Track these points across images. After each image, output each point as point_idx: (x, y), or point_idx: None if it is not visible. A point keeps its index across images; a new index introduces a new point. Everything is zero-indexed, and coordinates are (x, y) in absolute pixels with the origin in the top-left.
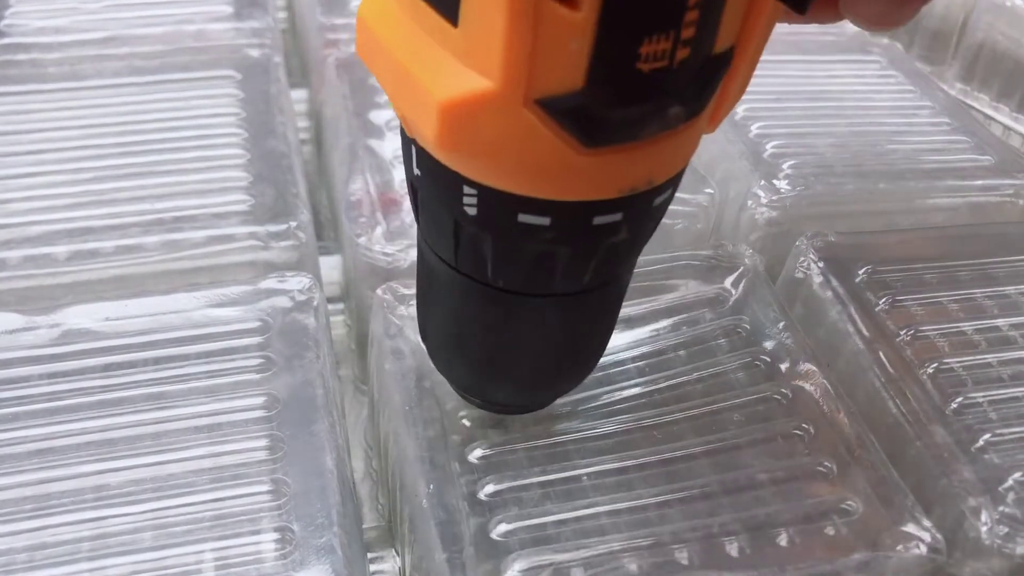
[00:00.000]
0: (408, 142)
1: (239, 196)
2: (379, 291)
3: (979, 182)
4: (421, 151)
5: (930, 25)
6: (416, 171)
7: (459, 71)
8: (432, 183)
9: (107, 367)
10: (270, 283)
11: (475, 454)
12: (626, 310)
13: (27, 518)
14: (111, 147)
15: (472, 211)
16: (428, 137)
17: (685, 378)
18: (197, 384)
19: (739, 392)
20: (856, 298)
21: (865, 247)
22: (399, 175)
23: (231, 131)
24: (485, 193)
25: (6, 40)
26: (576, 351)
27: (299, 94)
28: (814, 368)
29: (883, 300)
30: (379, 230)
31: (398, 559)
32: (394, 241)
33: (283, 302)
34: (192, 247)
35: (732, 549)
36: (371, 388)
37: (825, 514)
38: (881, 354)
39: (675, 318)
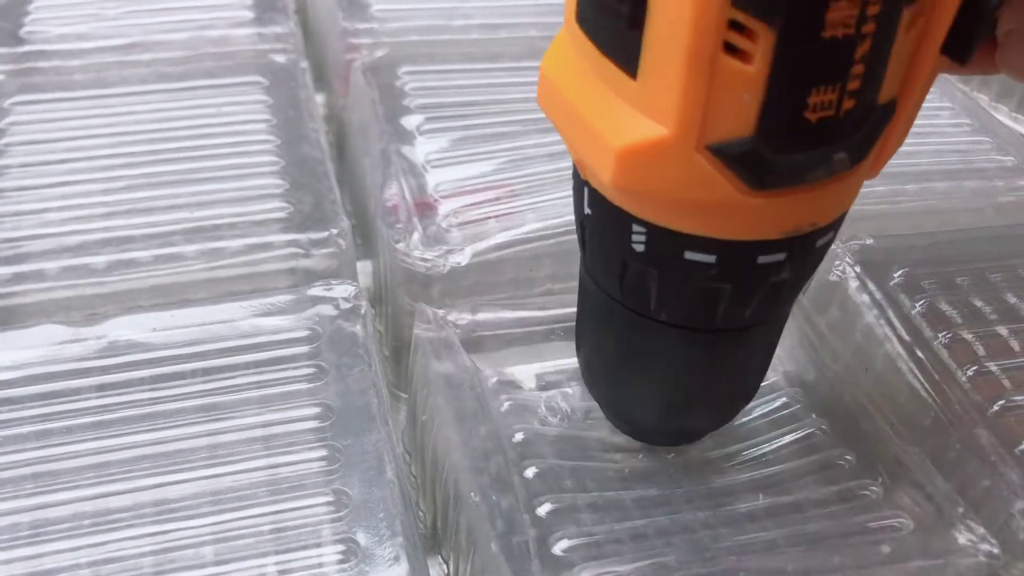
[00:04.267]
0: (580, 184)
1: (277, 203)
2: (423, 303)
3: (1003, 183)
4: (593, 192)
5: None
6: (587, 211)
7: (636, 119)
8: (602, 222)
9: (156, 379)
10: (316, 291)
11: (530, 470)
12: None
13: (88, 533)
14: (143, 155)
15: (640, 248)
16: (604, 180)
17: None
18: (248, 395)
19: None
20: (893, 302)
21: (898, 250)
22: (432, 179)
23: (263, 137)
24: (654, 232)
25: (28, 47)
26: (731, 386)
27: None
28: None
29: (919, 303)
30: (416, 235)
31: (444, 566)
32: (431, 247)
33: (329, 310)
34: (232, 255)
35: (787, 567)
36: (412, 394)
37: (876, 532)
38: (921, 357)
39: None
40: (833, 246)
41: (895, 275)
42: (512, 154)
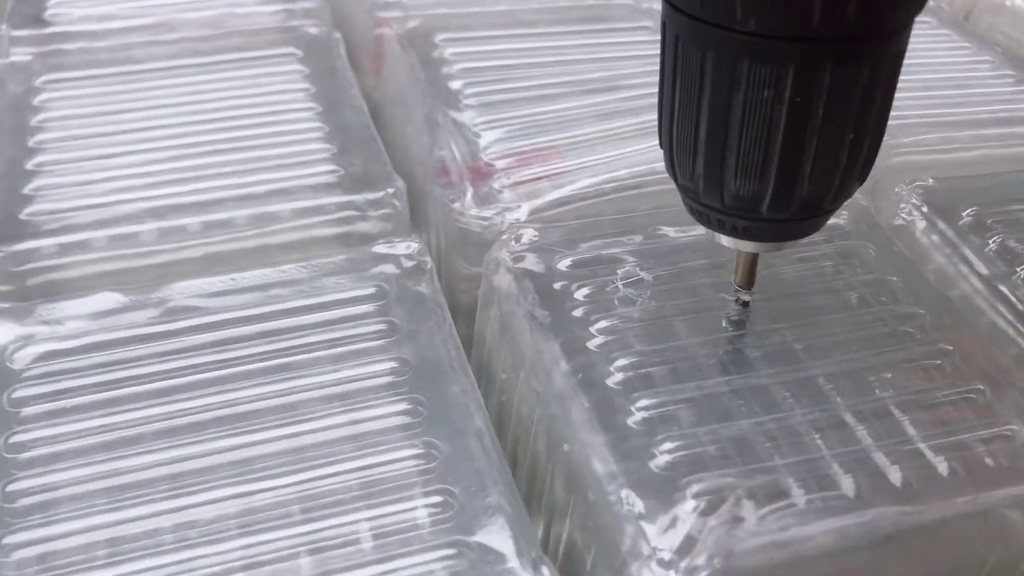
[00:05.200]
0: None
1: (327, 167)
2: (495, 250)
3: None
4: None
5: None
6: None
7: None
8: None
9: (221, 342)
10: (380, 249)
11: (619, 374)
12: None
13: (168, 497)
14: (183, 126)
15: None
16: None
17: (810, 301)
18: (319, 354)
19: (874, 316)
20: (965, 240)
21: (962, 192)
22: (481, 142)
23: (304, 105)
24: None
25: (52, 29)
26: (833, 135)
27: None
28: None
29: (992, 240)
30: (469, 195)
31: None
32: (487, 205)
33: (394, 268)
34: (285, 220)
35: (894, 478)
36: (481, 354)
37: (983, 440)
38: (1003, 291)
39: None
40: (897, 189)
41: (964, 214)
42: (559, 115)
